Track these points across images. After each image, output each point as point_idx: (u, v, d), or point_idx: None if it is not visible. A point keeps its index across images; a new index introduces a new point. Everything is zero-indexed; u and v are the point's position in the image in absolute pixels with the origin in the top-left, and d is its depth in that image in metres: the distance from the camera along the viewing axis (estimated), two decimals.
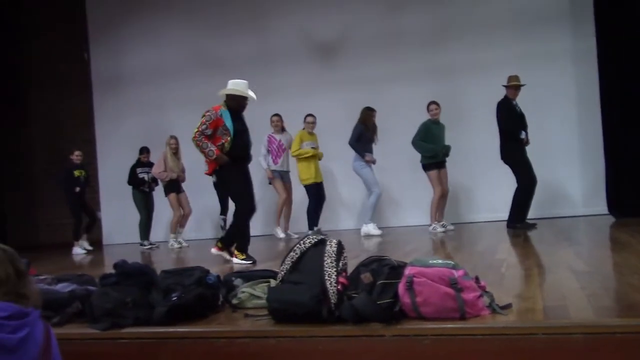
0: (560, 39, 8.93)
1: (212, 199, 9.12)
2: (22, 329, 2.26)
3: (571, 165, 8.88)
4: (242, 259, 5.73)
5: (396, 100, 9.14)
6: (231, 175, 5.82)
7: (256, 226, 8.56)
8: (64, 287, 3.58)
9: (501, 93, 7.51)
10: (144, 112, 10.71)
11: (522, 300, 3.05)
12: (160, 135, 9.68)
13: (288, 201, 8.79)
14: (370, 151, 8.15)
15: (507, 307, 2.85)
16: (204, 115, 5.76)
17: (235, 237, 5.93)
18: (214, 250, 6.06)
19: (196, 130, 5.71)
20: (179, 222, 9.13)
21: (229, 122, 5.74)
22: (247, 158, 6.05)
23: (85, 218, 9.77)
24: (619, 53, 8.10)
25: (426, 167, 8.04)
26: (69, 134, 11.50)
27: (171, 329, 3.06)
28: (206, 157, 5.81)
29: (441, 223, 8.05)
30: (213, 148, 5.68)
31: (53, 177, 11.40)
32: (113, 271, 3.44)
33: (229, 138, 5.72)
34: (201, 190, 9.28)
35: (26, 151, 11.93)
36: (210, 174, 5.95)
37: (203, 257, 7.20)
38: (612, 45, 8.17)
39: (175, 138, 9.09)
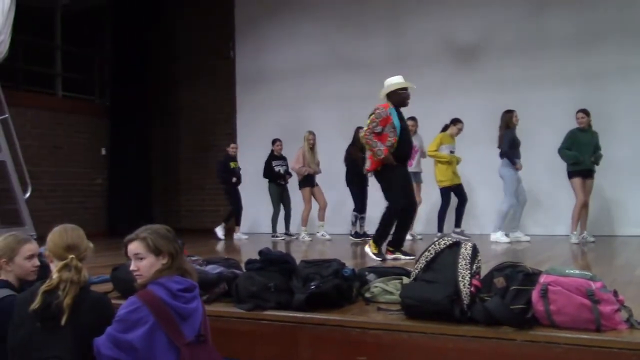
0: None
1: (342, 194, 9.36)
2: (193, 300, 2.57)
3: None
4: (374, 253, 5.80)
5: (538, 106, 8.80)
6: (394, 174, 5.85)
7: None
8: (213, 269, 3.93)
9: None
10: (282, 108, 11.16)
11: None
12: (297, 130, 10.07)
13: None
14: (519, 156, 7.90)
15: None
16: (373, 113, 5.83)
17: (381, 233, 5.94)
18: (387, 256, 5.95)
19: (366, 128, 5.81)
20: (323, 214, 9.42)
21: (396, 121, 5.83)
22: (410, 157, 6.09)
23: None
24: None
25: (570, 175, 7.71)
26: (212, 126, 12.21)
27: (309, 315, 3.29)
28: (374, 155, 5.85)
29: (582, 235, 7.72)
30: (382, 147, 5.74)
31: (195, 166, 12.29)
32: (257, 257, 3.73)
33: (396, 137, 5.78)
34: (333, 186, 9.56)
35: (172, 141, 12.80)
36: (372, 171, 5.95)
37: (335, 251, 7.46)
38: None
39: (313, 133, 9.41)
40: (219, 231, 9.97)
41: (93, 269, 4.69)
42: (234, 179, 9.99)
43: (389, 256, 5.93)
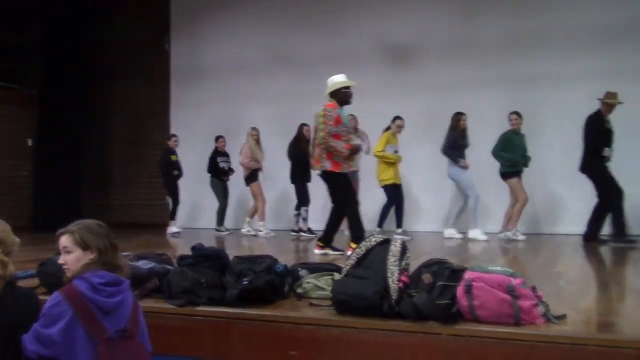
0: None
1: (282, 190, 9.38)
2: (117, 295, 2.57)
3: None
4: None
5: (469, 108, 8.96)
6: (343, 180, 5.87)
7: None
8: (144, 264, 3.88)
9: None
10: (218, 103, 11.05)
11: (577, 313, 3.13)
12: (233, 127, 10.03)
13: None
14: (464, 157, 8.08)
15: (562, 317, 2.95)
16: (322, 116, 5.74)
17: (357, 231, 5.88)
18: (316, 251, 6.07)
19: (322, 133, 5.70)
20: (254, 212, 9.42)
21: (346, 120, 5.86)
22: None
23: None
24: None
25: (505, 176, 7.96)
26: (145, 120, 11.97)
27: (241, 311, 3.31)
28: (339, 154, 5.79)
29: (512, 231, 7.98)
30: (342, 144, 5.74)
31: (129, 159, 12.02)
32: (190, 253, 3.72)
33: (351, 136, 5.82)
34: (272, 182, 9.60)
35: (105, 134, 12.47)
36: (337, 172, 5.84)
37: (273, 246, 7.51)
38: None
39: (257, 129, 9.40)
40: (174, 228, 9.76)
41: (17, 264, 4.54)
42: (176, 172, 9.86)
43: (319, 251, 6.01)
